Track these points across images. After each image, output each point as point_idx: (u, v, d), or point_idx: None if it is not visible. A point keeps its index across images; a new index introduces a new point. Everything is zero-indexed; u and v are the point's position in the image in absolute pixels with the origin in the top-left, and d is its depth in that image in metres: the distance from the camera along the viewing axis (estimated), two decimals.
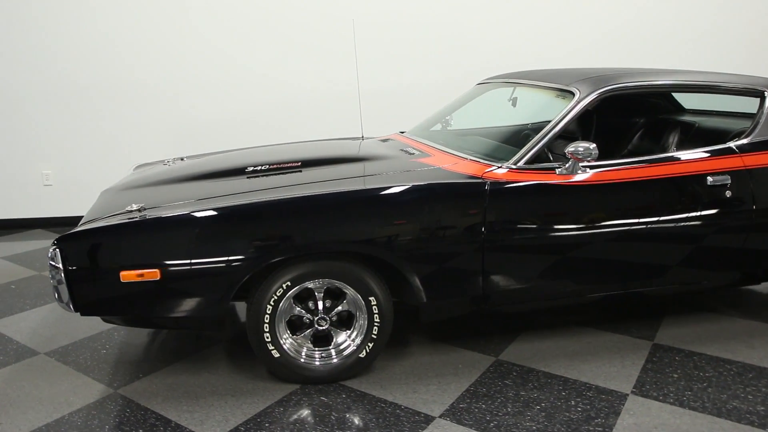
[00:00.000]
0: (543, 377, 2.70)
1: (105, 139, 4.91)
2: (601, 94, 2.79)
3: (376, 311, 2.55)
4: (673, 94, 3.88)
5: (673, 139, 3.16)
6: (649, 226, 2.75)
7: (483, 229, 2.54)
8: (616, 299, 3.38)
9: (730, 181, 2.81)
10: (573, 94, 2.83)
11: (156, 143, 4.90)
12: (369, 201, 2.51)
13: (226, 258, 2.36)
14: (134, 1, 4.82)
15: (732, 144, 2.90)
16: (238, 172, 2.88)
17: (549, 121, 2.79)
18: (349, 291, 2.54)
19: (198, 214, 2.39)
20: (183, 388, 2.59)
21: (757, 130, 2.95)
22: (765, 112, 2.99)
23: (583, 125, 3.81)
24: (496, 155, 2.82)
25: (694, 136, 3.30)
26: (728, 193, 2.81)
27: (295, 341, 2.57)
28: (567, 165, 2.66)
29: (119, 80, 4.89)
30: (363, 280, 2.51)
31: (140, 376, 2.69)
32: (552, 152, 3.93)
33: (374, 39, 5.05)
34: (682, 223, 2.79)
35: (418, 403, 2.48)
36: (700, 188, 2.79)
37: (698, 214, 2.80)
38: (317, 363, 2.58)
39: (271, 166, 2.90)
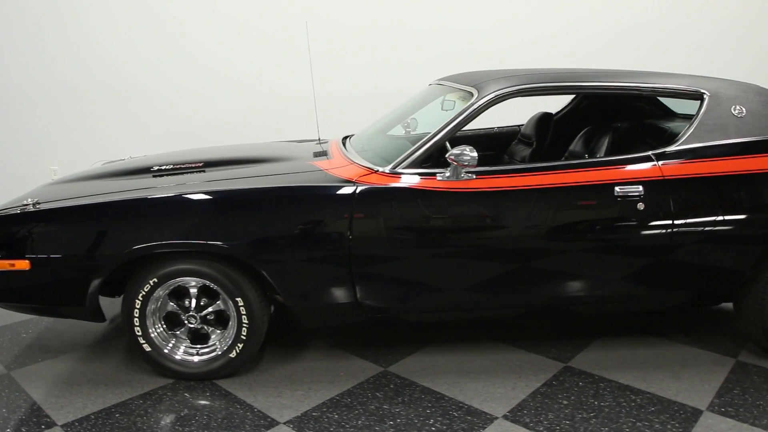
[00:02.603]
0: (419, 392, 2.57)
1: (108, 137, 5.24)
2: (497, 97, 2.61)
3: (244, 312, 2.55)
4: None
5: (602, 144, 2.89)
6: (541, 238, 2.55)
7: (349, 235, 2.46)
8: (533, 316, 3.17)
9: (643, 192, 2.54)
10: (472, 95, 2.68)
11: (154, 141, 5.15)
12: (228, 202, 2.52)
13: (87, 253, 2.46)
14: (136, 8, 5.13)
15: (651, 152, 2.62)
16: (146, 170, 2.99)
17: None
18: (220, 291, 2.56)
19: (63, 210, 2.51)
20: (68, 374, 2.72)
21: (685, 137, 2.64)
22: (699, 116, 2.68)
23: (541, 129, 3.58)
24: (391, 159, 2.72)
25: (667, 142, 3.02)
26: (641, 206, 2.54)
27: (162, 336, 2.62)
28: (448, 170, 2.52)
29: (121, 82, 5.20)
30: (230, 281, 2.52)
31: (39, 360, 2.86)
32: (511, 157, 3.78)
33: (357, 40, 5.06)
34: (582, 237, 2.57)
35: (272, 408, 2.45)
36: (605, 199, 2.54)
37: (603, 227, 2.56)
38: (179, 358, 2.62)
39: (175, 166, 2.99)
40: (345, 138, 3.48)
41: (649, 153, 2.61)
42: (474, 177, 2.53)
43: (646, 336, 3.09)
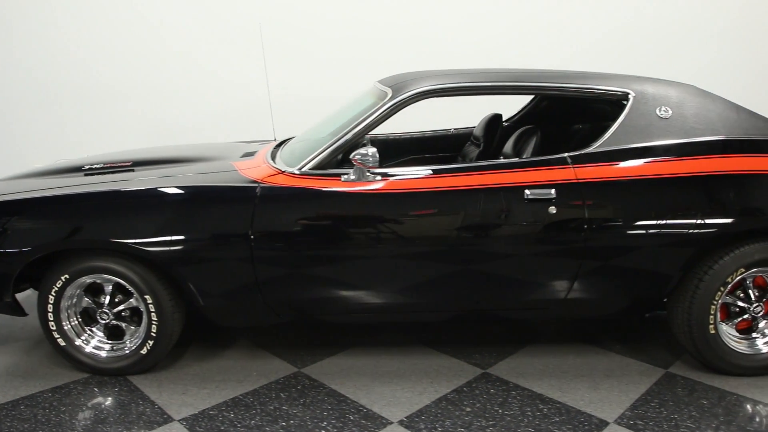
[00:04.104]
0: (323, 395, 2.55)
1: (91, 137, 5.39)
2: (409, 97, 2.56)
3: (153, 310, 2.58)
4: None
5: (528, 146, 2.80)
6: (445, 241, 2.49)
7: (251, 236, 2.46)
8: (457, 321, 3.12)
9: (554, 196, 2.46)
10: (387, 95, 2.65)
11: (136, 141, 5.28)
12: (135, 201, 2.55)
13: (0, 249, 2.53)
14: (107, 13, 5.29)
15: (566, 154, 2.54)
16: (77, 169, 3.05)
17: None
18: (131, 288, 2.59)
19: None
20: None
21: (605, 138, 2.55)
22: (621, 118, 2.58)
23: (489, 131, 3.51)
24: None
25: None
26: (553, 209, 2.46)
27: (75, 330, 2.67)
28: (352, 172, 2.49)
29: (104, 83, 5.36)
30: (139, 278, 2.54)
31: None
32: (464, 158, 3.71)
33: (334, 39, 5.08)
34: (491, 241, 2.50)
35: (173, 405, 2.47)
36: (514, 202, 2.47)
37: (514, 231, 2.49)
38: (88, 351, 2.66)
39: (105, 165, 3.04)
40: (288, 139, 3.49)
41: (565, 155, 2.53)
42: (379, 178, 2.49)
43: (580, 344, 2.99)
